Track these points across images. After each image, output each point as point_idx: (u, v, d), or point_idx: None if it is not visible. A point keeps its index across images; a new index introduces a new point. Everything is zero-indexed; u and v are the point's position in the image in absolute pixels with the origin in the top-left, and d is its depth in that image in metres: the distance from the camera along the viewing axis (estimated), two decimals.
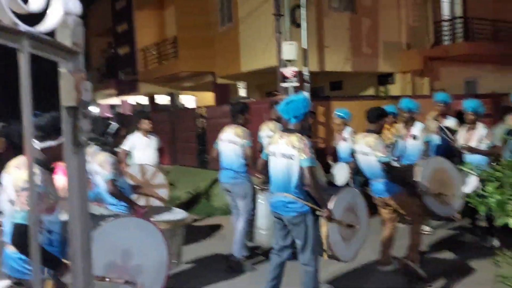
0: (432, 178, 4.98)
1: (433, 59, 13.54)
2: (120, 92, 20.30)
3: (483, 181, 3.31)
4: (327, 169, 7.17)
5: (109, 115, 20.33)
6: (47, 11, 0.95)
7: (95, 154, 4.12)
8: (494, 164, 3.87)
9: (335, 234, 3.90)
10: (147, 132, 7.13)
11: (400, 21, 13.38)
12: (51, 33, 0.98)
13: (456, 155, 5.90)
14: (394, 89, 13.43)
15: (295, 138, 3.78)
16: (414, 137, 5.95)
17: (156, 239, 3.17)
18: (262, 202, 5.23)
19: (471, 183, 5.24)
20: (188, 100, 20.98)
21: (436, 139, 6.32)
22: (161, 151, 7.56)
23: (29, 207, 2.09)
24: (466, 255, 5.36)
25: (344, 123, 7.02)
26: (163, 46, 16.47)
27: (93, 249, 1.09)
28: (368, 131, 4.78)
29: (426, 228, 6.17)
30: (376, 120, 4.73)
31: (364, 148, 4.72)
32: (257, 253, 5.62)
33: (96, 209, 3.81)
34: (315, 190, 3.73)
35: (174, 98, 18.39)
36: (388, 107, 6.43)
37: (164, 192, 6.95)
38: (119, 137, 4.52)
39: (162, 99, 19.81)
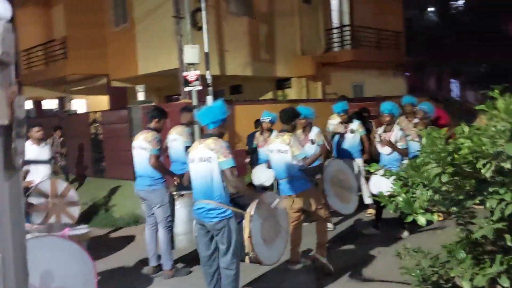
0: (333, 178, 5.28)
1: (324, 65, 14.34)
2: None
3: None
4: None
5: None
6: None
7: None
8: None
9: (257, 236, 3.89)
10: (39, 141, 6.56)
11: (295, 28, 13.94)
12: None
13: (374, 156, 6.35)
14: (290, 93, 13.96)
15: (211, 141, 3.82)
16: (312, 142, 6.29)
17: (79, 257, 2.98)
18: (180, 208, 5.14)
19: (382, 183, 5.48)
20: (79, 105, 19.66)
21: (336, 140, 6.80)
22: (54, 160, 7.00)
23: None
24: (372, 248, 5.71)
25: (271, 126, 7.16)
26: (51, 46, 15.22)
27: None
28: (282, 131, 4.95)
29: (329, 225, 6.48)
30: (289, 121, 4.89)
31: (280, 146, 4.81)
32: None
33: None
34: (240, 187, 3.87)
35: (63, 102, 17.09)
36: (302, 108, 6.62)
37: (75, 210, 6.44)
38: None
39: (50, 104, 18.31)
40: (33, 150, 6.41)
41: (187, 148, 4.98)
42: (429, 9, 24.32)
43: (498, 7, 19.14)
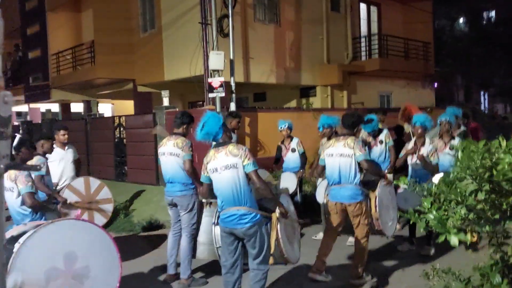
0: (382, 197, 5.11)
1: (351, 74, 14.13)
2: (29, 99, 18.75)
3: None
4: None
5: (16, 123, 18.74)
6: None
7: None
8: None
9: (284, 236, 4.08)
10: (63, 144, 6.60)
11: (321, 36, 13.79)
12: None
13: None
14: (315, 102, 13.78)
15: (232, 147, 3.86)
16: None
17: (100, 238, 3.15)
18: (206, 217, 5.08)
19: (411, 198, 5.27)
20: (105, 109, 19.93)
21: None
22: (78, 163, 7.05)
23: None
24: (395, 266, 5.51)
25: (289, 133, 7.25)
26: (79, 50, 15.48)
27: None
28: (342, 135, 4.99)
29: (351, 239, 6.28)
30: (352, 126, 4.98)
31: (344, 150, 4.80)
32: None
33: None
34: (266, 191, 3.86)
35: (90, 106, 17.33)
36: (326, 117, 6.84)
37: (108, 207, 6.75)
38: (24, 151, 4.16)
39: (78, 107, 18.61)
40: (58, 153, 6.46)
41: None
42: (460, 20, 23.83)
43: None
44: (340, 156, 4.82)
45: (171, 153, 5.04)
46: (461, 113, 7.17)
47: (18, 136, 4.31)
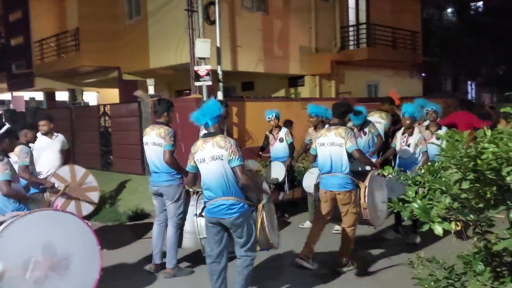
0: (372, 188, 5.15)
1: (339, 63, 14.09)
2: (12, 87, 18.42)
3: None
4: None
5: None
6: None
7: None
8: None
9: (268, 223, 4.19)
10: (51, 133, 6.47)
11: (310, 25, 13.71)
12: None
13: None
14: (303, 91, 13.75)
15: (220, 139, 3.86)
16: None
17: (80, 229, 3.14)
18: (192, 206, 5.04)
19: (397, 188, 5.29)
20: (91, 97, 19.67)
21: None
22: (67, 152, 6.96)
23: None
24: (382, 254, 5.53)
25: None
26: (63, 38, 15.21)
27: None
28: (331, 125, 5.03)
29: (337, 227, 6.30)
30: (342, 115, 5.01)
31: (335, 139, 4.85)
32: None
33: None
34: (251, 184, 3.91)
35: (74, 94, 17.10)
36: (314, 106, 6.93)
37: (94, 195, 6.66)
38: (6, 142, 4.05)
39: (63, 96, 18.34)
40: (44, 141, 6.33)
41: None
42: (448, 9, 23.88)
43: None
44: (331, 145, 4.88)
45: (154, 143, 4.96)
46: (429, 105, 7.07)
47: (6, 126, 4.17)
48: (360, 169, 5.60)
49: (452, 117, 8.08)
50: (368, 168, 5.45)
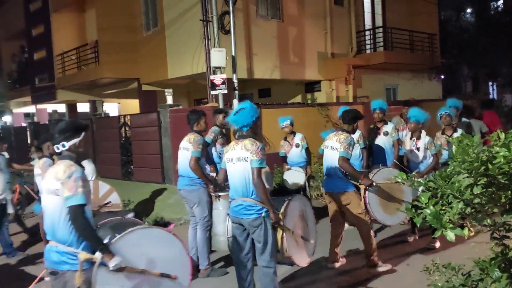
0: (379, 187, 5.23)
1: (356, 67, 14.03)
2: (36, 100, 18.89)
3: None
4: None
5: (24, 124, 18.87)
6: None
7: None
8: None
9: (289, 237, 4.22)
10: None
11: (326, 30, 13.71)
12: None
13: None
14: (320, 96, 13.72)
15: (248, 142, 4.01)
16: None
17: (180, 255, 3.31)
18: (219, 209, 5.23)
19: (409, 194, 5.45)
20: (112, 108, 20.02)
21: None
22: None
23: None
24: (401, 259, 5.49)
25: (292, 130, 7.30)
26: (83, 50, 15.56)
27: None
28: (342, 130, 5.18)
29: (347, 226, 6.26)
30: (351, 121, 5.16)
31: (334, 144, 5.05)
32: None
33: None
34: (260, 190, 3.89)
35: (95, 105, 17.43)
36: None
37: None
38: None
39: (84, 107, 18.72)
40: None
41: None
42: (466, 10, 23.52)
43: None
44: (331, 149, 5.10)
45: (183, 148, 5.29)
46: (461, 105, 7.04)
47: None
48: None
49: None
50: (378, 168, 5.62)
